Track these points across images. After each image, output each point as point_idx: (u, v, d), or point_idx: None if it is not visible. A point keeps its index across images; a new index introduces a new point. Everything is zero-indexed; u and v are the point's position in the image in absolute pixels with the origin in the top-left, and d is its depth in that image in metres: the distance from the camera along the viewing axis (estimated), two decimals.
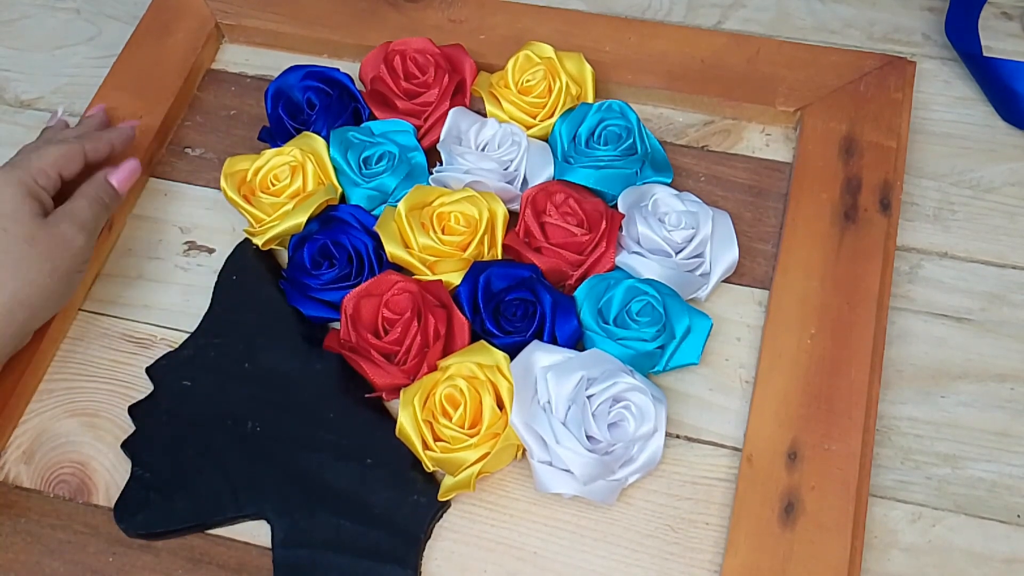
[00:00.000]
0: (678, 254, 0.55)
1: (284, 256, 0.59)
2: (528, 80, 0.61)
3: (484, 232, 0.55)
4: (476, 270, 0.54)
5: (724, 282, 0.57)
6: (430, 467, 0.51)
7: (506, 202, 0.57)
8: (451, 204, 0.56)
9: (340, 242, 0.56)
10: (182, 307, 0.59)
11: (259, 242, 0.58)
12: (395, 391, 0.53)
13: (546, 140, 0.61)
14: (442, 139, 0.60)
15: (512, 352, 0.52)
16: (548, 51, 0.61)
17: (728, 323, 0.56)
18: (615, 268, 0.56)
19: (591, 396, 0.50)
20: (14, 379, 0.55)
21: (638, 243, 0.56)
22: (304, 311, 0.56)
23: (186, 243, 0.62)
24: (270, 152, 0.59)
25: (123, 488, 0.53)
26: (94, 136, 0.58)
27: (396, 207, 0.56)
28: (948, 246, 0.58)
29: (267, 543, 0.51)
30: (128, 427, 0.55)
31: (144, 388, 0.56)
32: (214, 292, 0.59)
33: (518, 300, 0.54)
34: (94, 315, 0.59)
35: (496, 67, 0.64)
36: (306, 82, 0.62)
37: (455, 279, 0.55)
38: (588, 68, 0.61)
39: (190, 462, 0.53)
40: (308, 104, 0.62)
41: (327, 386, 0.55)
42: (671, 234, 0.55)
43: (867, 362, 0.52)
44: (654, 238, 0.55)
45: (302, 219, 0.57)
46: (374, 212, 0.58)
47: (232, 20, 0.68)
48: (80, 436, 0.55)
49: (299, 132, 0.61)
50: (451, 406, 0.50)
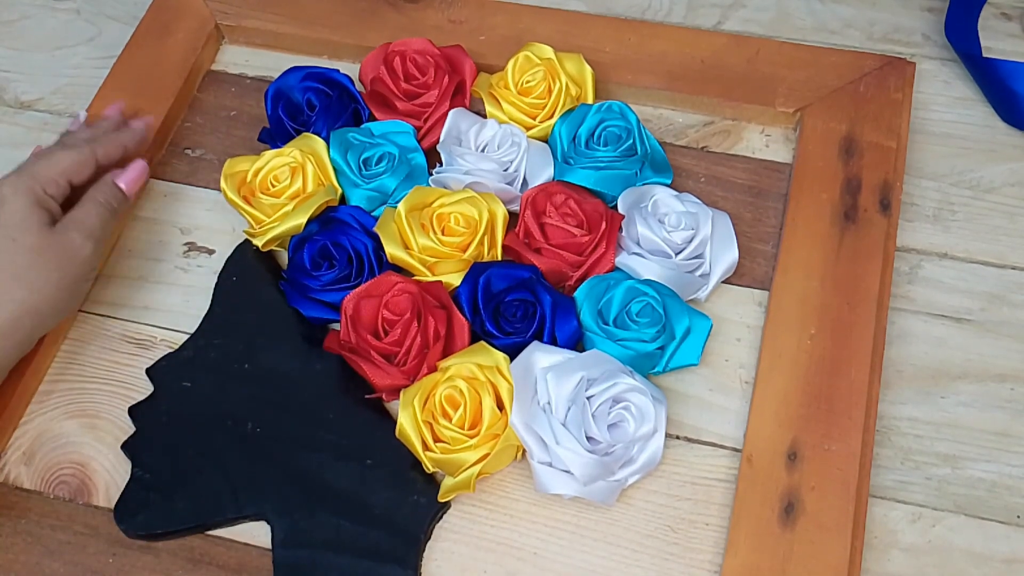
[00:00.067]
0: (678, 255, 0.55)
1: (284, 257, 0.59)
2: (528, 81, 0.61)
3: (484, 233, 0.55)
4: (476, 271, 0.54)
5: (724, 283, 0.57)
6: (430, 468, 0.51)
7: (506, 203, 0.57)
8: (451, 205, 0.56)
9: (340, 243, 0.56)
10: (182, 308, 0.59)
11: (259, 243, 0.58)
12: (395, 392, 0.53)
13: (546, 141, 0.61)
14: (442, 140, 0.60)
15: (512, 353, 0.52)
16: (548, 52, 0.61)
17: (728, 323, 0.56)
18: (615, 269, 0.56)
19: (591, 397, 0.50)
20: (14, 380, 0.55)
21: (638, 244, 0.56)
22: (304, 312, 0.56)
23: (186, 244, 0.62)
24: (270, 153, 0.59)
25: (123, 489, 0.53)
26: (106, 139, 0.57)
27: (396, 208, 0.56)
28: (948, 246, 0.58)
29: (267, 543, 0.51)
30: (128, 428, 0.55)
31: (144, 389, 0.56)
32: (214, 293, 0.59)
33: (518, 301, 0.54)
34: (94, 316, 0.59)
35: (496, 68, 0.64)
36: (306, 83, 0.62)
37: (455, 280, 0.55)
38: (588, 69, 0.61)
39: (190, 463, 0.53)
40: (308, 105, 0.62)
41: (327, 387, 0.55)
42: (671, 235, 0.55)
43: (867, 362, 0.52)
44: (654, 239, 0.55)
45: (302, 220, 0.57)
46: (374, 213, 0.58)
47: (232, 21, 0.68)
48: (80, 437, 0.55)
49: (299, 133, 0.61)
50: (451, 407, 0.50)
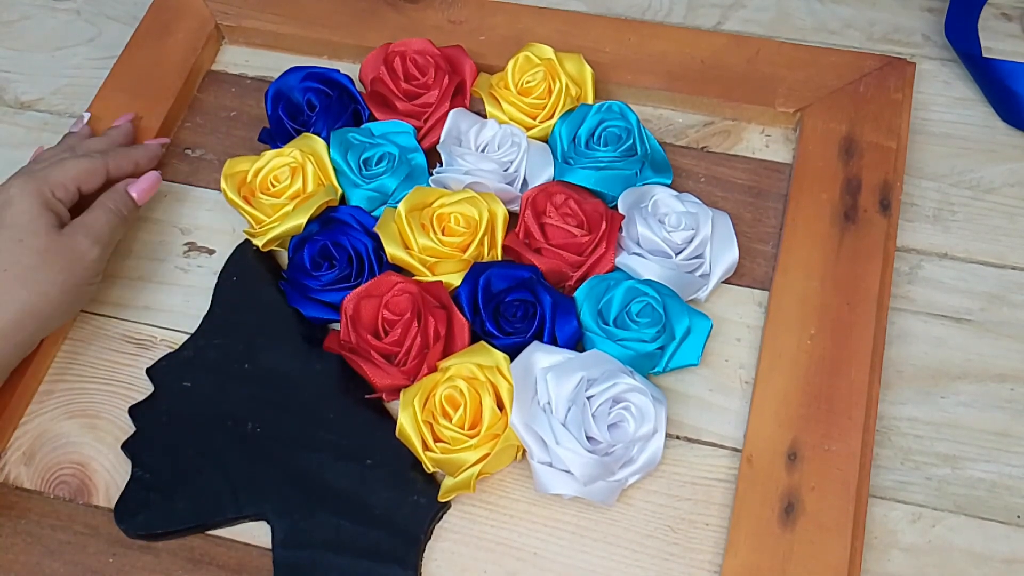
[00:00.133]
0: (678, 255, 0.55)
1: (284, 257, 0.59)
2: (528, 81, 0.61)
3: (484, 233, 0.55)
4: (476, 271, 0.54)
5: (724, 283, 0.57)
6: (430, 468, 0.51)
7: (506, 203, 0.57)
8: (451, 205, 0.56)
9: (340, 243, 0.56)
10: (182, 308, 0.59)
11: (259, 243, 0.58)
12: (395, 392, 0.53)
13: (546, 141, 0.61)
14: (442, 140, 0.60)
15: (512, 353, 0.52)
16: (548, 52, 0.61)
17: (728, 324, 0.56)
18: (615, 269, 0.56)
19: (591, 397, 0.50)
20: (15, 380, 0.55)
21: (638, 244, 0.56)
22: (304, 312, 0.56)
23: (186, 244, 0.62)
24: (270, 153, 0.59)
25: (123, 489, 0.53)
26: (119, 153, 0.58)
27: (396, 208, 0.56)
28: (948, 246, 0.58)
29: (267, 543, 0.51)
30: (128, 428, 0.55)
31: (144, 389, 0.56)
32: (214, 293, 0.59)
33: (518, 301, 0.54)
34: (95, 316, 0.59)
35: (496, 68, 0.64)
36: (306, 83, 0.62)
37: (455, 280, 0.55)
38: (588, 69, 0.61)
39: (190, 463, 0.53)
40: (308, 105, 0.62)
41: (327, 387, 0.55)
42: (671, 235, 0.55)
43: (867, 362, 0.52)
44: (654, 239, 0.55)
45: (302, 220, 0.57)
46: (374, 213, 0.58)
47: (232, 21, 0.68)
48: (80, 437, 0.55)
49: (299, 133, 0.61)
50: (451, 407, 0.50)
